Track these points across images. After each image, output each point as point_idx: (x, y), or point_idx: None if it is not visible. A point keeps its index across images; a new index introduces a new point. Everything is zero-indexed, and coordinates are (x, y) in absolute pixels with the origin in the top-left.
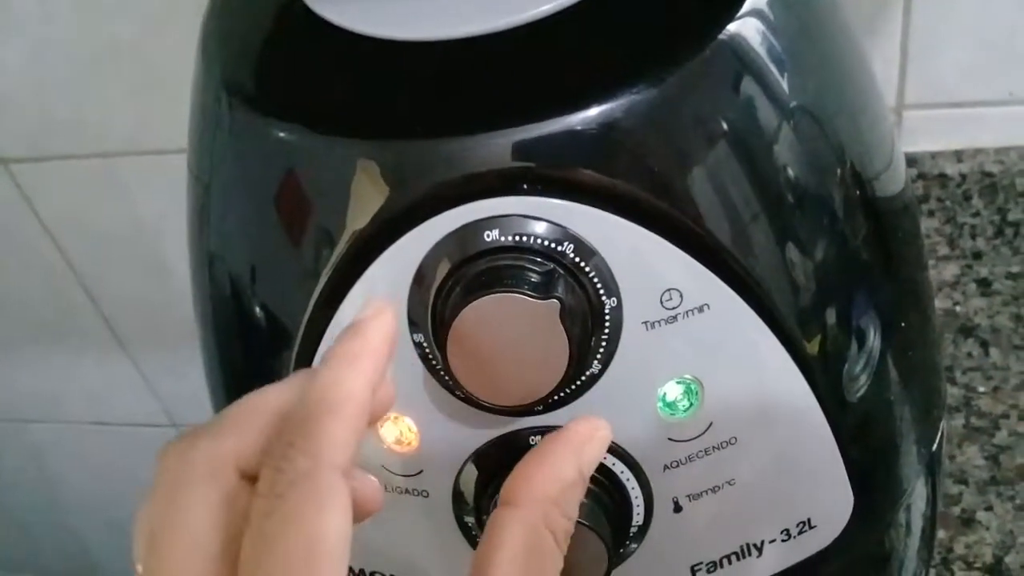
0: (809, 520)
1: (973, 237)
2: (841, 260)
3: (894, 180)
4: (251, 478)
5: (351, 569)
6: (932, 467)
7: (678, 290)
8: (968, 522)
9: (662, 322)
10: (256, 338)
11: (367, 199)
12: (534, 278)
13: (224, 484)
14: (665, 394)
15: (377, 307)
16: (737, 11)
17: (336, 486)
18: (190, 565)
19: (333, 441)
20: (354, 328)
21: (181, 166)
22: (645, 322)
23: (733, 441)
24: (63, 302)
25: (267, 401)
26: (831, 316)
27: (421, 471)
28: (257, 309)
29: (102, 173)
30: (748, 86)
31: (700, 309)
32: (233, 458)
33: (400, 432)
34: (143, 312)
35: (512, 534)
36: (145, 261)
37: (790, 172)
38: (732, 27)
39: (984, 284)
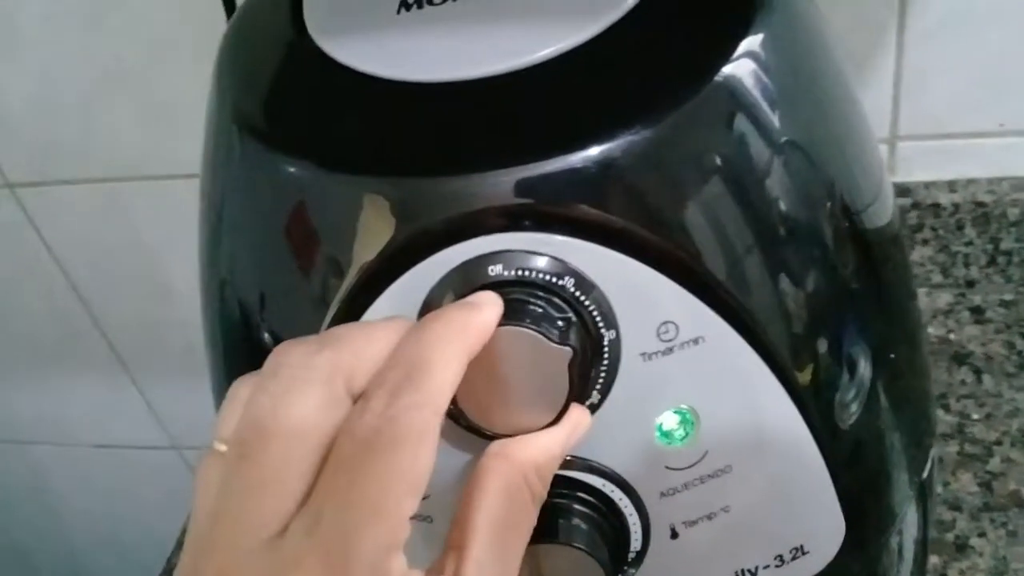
0: (802, 546)
1: (966, 266)
2: (832, 291)
3: (883, 212)
4: (353, 397)
5: None
6: (923, 494)
7: (674, 323)
8: (962, 548)
9: (659, 354)
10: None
11: (374, 234)
12: (549, 317)
13: (336, 391)
14: (662, 423)
15: (489, 298)
16: (732, 53)
17: (437, 430)
18: (293, 451)
19: (442, 389)
20: (470, 303)
21: (185, 191)
22: (643, 353)
23: (728, 469)
24: (67, 325)
25: (379, 334)
26: (822, 346)
27: (426, 496)
28: (266, 336)
29: (107, 198)
30: (742, 125)
31: (695, 341)
32: (347, 372)
33: None
34: (146, 335)
35: (497, 479)
36: (148, 285)
37: (782, 207)
38: (727, 69)
39: (977, 312)
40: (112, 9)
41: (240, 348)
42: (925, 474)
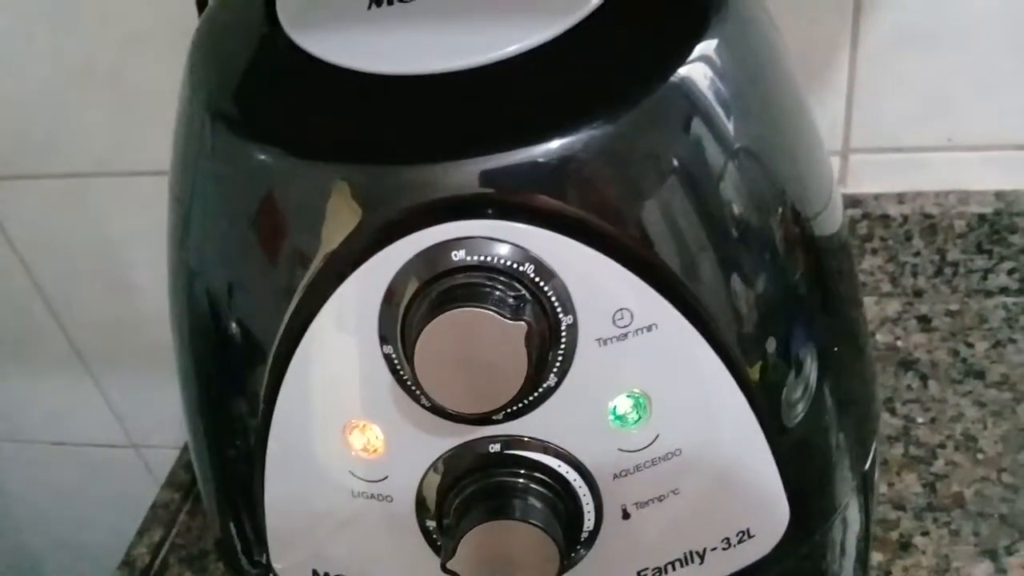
0: (748, 530)
1: (914, 275)
2: (779, 292)
3: (832, 221)
4: None
5: (315, 571)
6: (865, 487)
7: (629, 310)
8: (905, 546)
9: (614, 339)
10: (231, 353)
11: (341, 220)
12: (505, 299)
13: None
14: (616, 407)
15: None
16: (687, 56)
17: None
18: None
19: None
20: None
21: (152, 188)
22: (598, 339)
23: (678, 452)
24: (27, 320)
25: None
26: (769, 342)
27: (386, 477)
28: (233, 325)
29: (73, 193)
30: (696, 126)
31: (649, 328)
32: None
33: (367, 439)
34: (107, 333)
35: None
36: (111, 282)
37: (734, 207)
38: (682, 71)
39: (924, 320)
40: (83, 5)
41: (208, 339)
42: (866, 466)
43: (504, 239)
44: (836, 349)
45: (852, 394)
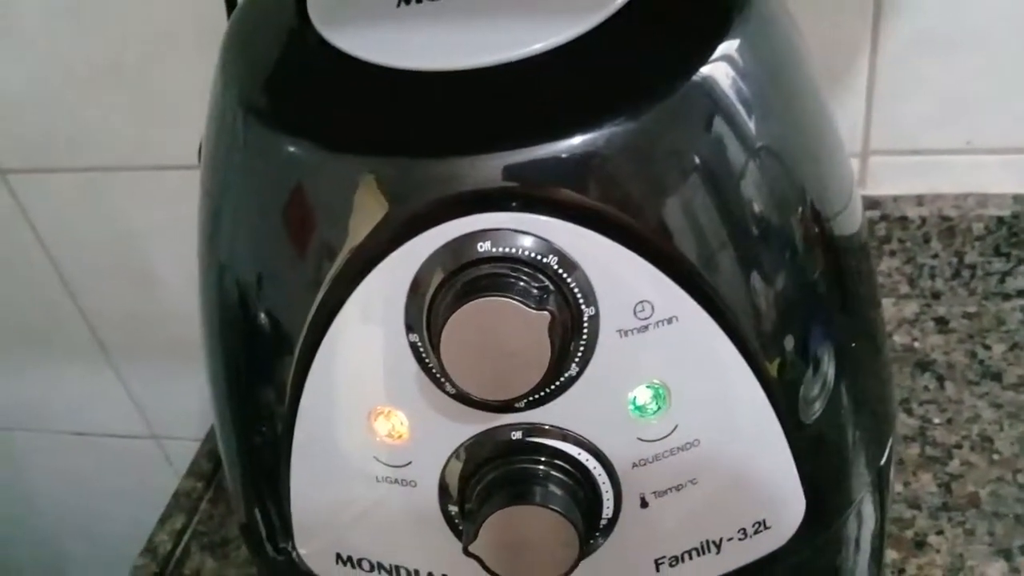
0: (764, 521)
1: (932, 277)
2: (799, 289)
3: (851, 221)
4: None
5: (339, 555)
6: (880, 484)
7: (650, 302)
8: (920, 545)
9: (635, 331)
10: (260, 342)
11: (369, 212)
12: (529, 289)
13: None
14: (635, 397)
15: None
16: (709, 56)
17: None
18: None
19: None
20: None
21: (174, 183)
22: (619, 330)
23: (696, 443)
24: (51, 312)
25: None
26: (789, 340)
27: (410, 462)
28: (262, 316)
29: (97, 187)
30: (717, 124)
31: (669, 321)
32: None
33: (392, 425)
34: (130, 325)
35: None
36: (134, 275)
37: (754, 205)
38: (704, 70)
39: (941, 322)
40: (107, 2)
41: (237, 330)
42: (883, 462)
43: (528, 231)
44: (854, 346)
45: (869, 393)
